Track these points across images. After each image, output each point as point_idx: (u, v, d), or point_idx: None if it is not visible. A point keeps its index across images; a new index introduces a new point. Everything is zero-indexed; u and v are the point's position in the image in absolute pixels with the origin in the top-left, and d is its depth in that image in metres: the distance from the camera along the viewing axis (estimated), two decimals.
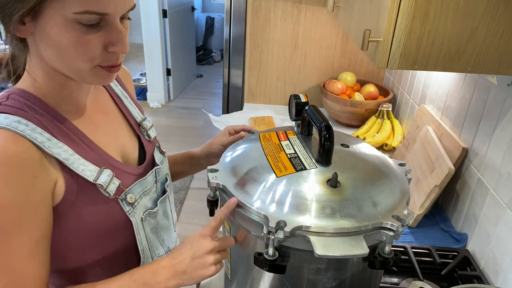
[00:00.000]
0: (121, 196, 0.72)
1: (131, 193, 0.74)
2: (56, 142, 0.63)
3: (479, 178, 1.03)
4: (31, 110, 0.63)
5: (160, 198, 0.82)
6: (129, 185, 0.74)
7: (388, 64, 0.75)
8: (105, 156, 0.71)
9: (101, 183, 0.68)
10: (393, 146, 1.56)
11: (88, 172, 0.67)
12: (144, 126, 0.85)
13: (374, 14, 0.82)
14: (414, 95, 1.54)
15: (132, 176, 0.76)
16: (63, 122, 0.66)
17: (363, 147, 0.78)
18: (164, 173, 0.86)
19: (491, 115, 0.99)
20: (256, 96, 2.05)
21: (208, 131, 3.85)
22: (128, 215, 0.73)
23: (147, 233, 0.79)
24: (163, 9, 4.10)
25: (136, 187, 0.76)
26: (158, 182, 0.83)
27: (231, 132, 0.99)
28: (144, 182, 0.78)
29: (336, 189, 0.64)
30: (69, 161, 0.64)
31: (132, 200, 0.74)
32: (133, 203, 0.74)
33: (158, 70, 4.33)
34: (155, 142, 0.88)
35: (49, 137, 0.62)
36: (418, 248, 1.01)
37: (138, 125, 0.84)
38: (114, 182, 0.70)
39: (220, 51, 6.14)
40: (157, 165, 0.83)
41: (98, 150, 0.70)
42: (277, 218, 0.61)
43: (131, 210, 0.74)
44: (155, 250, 0.81)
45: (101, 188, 0.68)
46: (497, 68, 0.74)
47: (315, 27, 1.86)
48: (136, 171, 0.77)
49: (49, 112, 0.65)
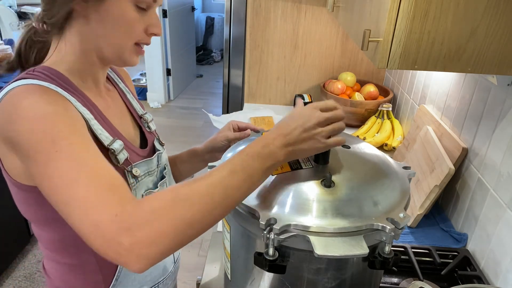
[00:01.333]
0: (128, 168, 0.76)
1: (136, 168, 0.78)
2: (80, 106, 0.69)
3: (479, 178, 1.03)
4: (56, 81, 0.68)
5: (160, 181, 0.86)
6: (136, 161, 0.79)
7: (388, 64, 0.75)
8: (115, 131, 0.77)
9: (114, 148, 0.72)
10: (393, 146, 1.56)
11: (104, 137, 0.71)
12: (145, 118, 0.90)
13: (374, 14, 0.82)
14: (414, 95, 1.54)
15: (138, 156, 0.81)
16: (83, 95, 0.72)
17: (364, 147, 0.78)
18: (163, 161, 0.90)
19: (491, 115, 0.99)
20: (256, 96, 2.05)
21: (208, 131, 3.85)
22: (131, 187, 0.76)
23: None
24: (163, 9, 4.10)
25: (142, 164, 0.80)
26: (159, 167, 0.87)
27: (234, 127, 0.99)
28: (150, 162, 0.83)
29: (330, 189, 0.64)
30: (91, 122, 0.70)
31: (137, 174, 0.78)
32: (137, 176, 0.78)
33: (158, 70, 4.33)
34: (155, 134, 0.92)
35: (75, 100, 0.69)
36: (418, 248, 1.01)
37: (139, 117, 0.89)
38: (124, 153, 0.75)
39: (220, 51, 6.14)
40: (158, 150, 0.88)
41: (110, 124, 0.76)
42: (268, 215, 0.61)
43: (135, 184, 0.77)
44: None
45: (112, 155, 0.72)
46: (497, 68, 0.74)
47: (315, 27, 1.86)
48: (140, 152, 0.82)
49: (71, 85, 0.71)
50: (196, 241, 2.49)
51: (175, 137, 3.72)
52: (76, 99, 0.69)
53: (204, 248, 2.45)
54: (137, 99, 0.92)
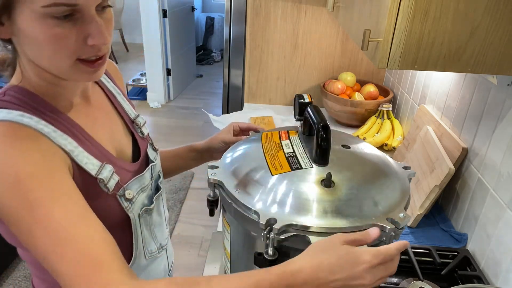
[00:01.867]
0: (119, 192, 0.71)
1: (129, 189, 0.73)
2: (61, 134, 0.63)
3: (479, 178, 1.03)
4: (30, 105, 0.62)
5: (155, 195, 0.82)
6: (127, 181, 0.73)
7: (388, 64, 0.75)
8: (104, 152, 0.71)
9: (103, 178, 0.67)
10: (393, 146, 1.56)
11: (90, 166, 0.66)
12: (138, 123, 0.84)
13: (374, 14, 0.82)
14: (414, 95, 1.54)
15: (129, 172, 0.75)
16: (62, 117, 0.66)
17: (364, 147, 0.78)
18: (157, 170, 0.86)
19: (491, 115, 0.99)
20: (256, 96, 2.05)
21: (208, 131, 3.85)
22: (126, 211, 0.73)
23: (142, 229, 0.78)
24: (163, 9, 4.10)
25: (134, 183, 0.75)
26: (153, 179, 0.83)
27: (236, 129, 0.99)
28: (142, 178, 0.78)
29: (329, 189, 0.64)
30: (74, 153, 0.64)
31: (130, 196, 0.73)
32: (131, 199, 0.74)
33: (158, 70, 4.32)
34: (148, 139, 0.87)
35: (54, 129, 0.62)
36: (418, 248, 1.01)
37: (132, 121, 0.83)
38: (114, 178, 0.70)
39: (220, 51, 6.14)
40: (152, 161, 0.83)
41: (97, 145, 0.70)
42: (268, 215, 0.61)
43: (130, 206, 0.74)
44: (148, 247, 0.81)
45: (101, 183, 0.67)
46: (497, 68, 0.74)
47: (315, 27, 1.86)
48: (132, 167, 0.77)
49: (47, 107, 0.64)
50: (196, 241, 2.49)
51: (175, 137, 3.72)
52: (55, 126, 0.63)
53: (204, 248, 2.45)
54: (128, 100, 0.87)
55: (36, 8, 0.55)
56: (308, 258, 0.56)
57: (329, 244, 0.57)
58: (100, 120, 0.74)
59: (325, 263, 0.55)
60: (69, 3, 0.55)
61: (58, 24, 0.56)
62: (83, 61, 0.61)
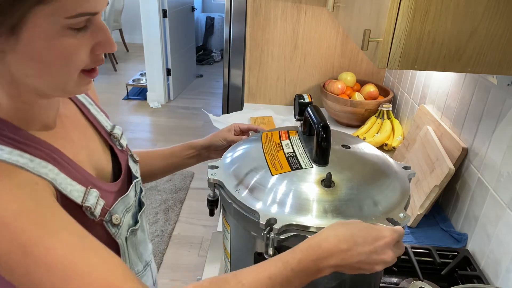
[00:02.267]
0: (105, 218, 0.65)
1: (116, 213, 0.67)
2: (39, 162, 0.55)
3: (479, 178, 1.03)
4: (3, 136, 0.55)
5: (139, 212, 0.76)
6: (111, 204, 0.66)
7: (388, 64, 0.75)
8: (86, 175, 0.64)
9: (89, 205, 0.61)
10: (393, 146, 1.56)
11: (75, 193, 0.60)
12: (116, 136, 0.77)
13: (374, 14, 0.82)
14: (414, 95, 1.54)
15: (112, 194, 0.68)
16: (38, 142, 0.58)
17: (364, 147, 0.78)
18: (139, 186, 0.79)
19: (491, 115, 0.99)
20: (256, 96, 2.05)
21: (208, 131, 3.85)
22: (114, 237, 0.66)
23: (129, 252, 0.72)
24: (163, 9, 4.10)
25: (119, 205, 0.68)
26: (136, 196, 0.76)
27: (236, 130, 0.99)
28: (127, 198, 0.71)
29: (329, 189, 0.64)
30: (57, 182, 0.57)
31: (117, 221, 0.66)
32: (118, 224, 0.67)
33: (158, 70, 4.32)
34: (127, 151, 0.80)
35: (31, 158, 0.55)
36: (418, 248, 1.01)
37: (109, 134, 0.76)
38: (100, 203, 0.63)
39: (220, 51, 6.14)
40: (135, 177, 0.77)
41: (79, 169, 0.63)
42: (268, 215, 0.61)
43: (117, 232, 0.67)
44: (134, 268, 0.75)
45: (87, 211, 0.61)
46: (497, 68, 0.74)
47: (315, 27, 1.86)
48: (114, 187, 0.70)
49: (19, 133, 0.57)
50: (196, 241, 2.49)
51: (175, 137, 3.72)
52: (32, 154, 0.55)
53: (204, 248, 2.45)
54: (101, 109, 0.78)
55: (59, 20, 0.50)
56: (332, 230, 0.58)
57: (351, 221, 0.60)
58: (76, 139, 0.67)
59: (348, 234, 0.57)
60: (92, 12, 0.53)
61: (73, 36, 0.52)
62: (84, 72, 0.57)
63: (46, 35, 0.50)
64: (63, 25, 0.51)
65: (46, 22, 0.50)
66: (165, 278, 2.21)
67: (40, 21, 0.50)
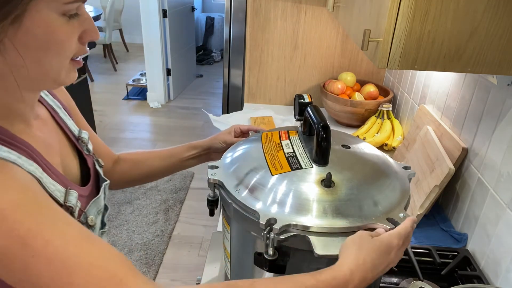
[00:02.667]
0: (81, 219, 0.64)
1: (90, 215, 0.67)
2: (26, 160, 0.55)
3: (479, 178, 1.03)
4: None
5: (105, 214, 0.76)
6: (85, 206, 0.67)
7: (388, 64, 0.75)
8: (62, 177, 0.63)
9: (72, 205, 0.61)
10: (393, 146, 1.56)
11: (58, 193, 0.59)
12: (84, 140, 0.76)
13: (374, 14, 0.82)
14: (414, 95, 1.54)
15: (84, 197, 0.68)
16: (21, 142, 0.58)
17: (364, 147, 0.78)
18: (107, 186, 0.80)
19: (491, 115, 0.99)
20: (256, 96, 2.05)
21: (208, 131, 3.85)
22: None
23: None
24: (163, 9, 4.10)
25: (92, 207, 0.68)
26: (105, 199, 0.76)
27: (237, 131, 0.99)
28: (99, 201, 0.71)
29: (329, 189, 0.64)
30: (43, 180, 0.57)
31: (92, 223, 0.66)
32: (93, 225, 0.67)
33: (158, 70, 4.33)
34: (93, 156, 0.80)
35: (18, 155, 0.54)
36: (418, 248, 1.01)
37: (77, 139, 0.76)
38: (78, 204, 0.63)
39: (220, 51, 6.14)
40: (104, 180, 0.77)
41: (56, 172, 0.63)
42: (268, 215, 0.61)
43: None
44: None
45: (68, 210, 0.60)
46: (497, 68, 0.74)
47: (315, 27, 1.86)
48: (85, 191, 0.70)
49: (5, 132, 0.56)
50: (196, 241, 2.49)
51: (175, 137, 3.72)
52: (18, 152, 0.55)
53: (204, 248, 2.45)
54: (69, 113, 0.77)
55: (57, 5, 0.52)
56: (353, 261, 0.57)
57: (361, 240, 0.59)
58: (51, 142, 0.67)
59: (368, 261, 0.57)
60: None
61: (66, 23, 0.54)
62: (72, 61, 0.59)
63: (44, 22, 0.52)
64: (60, 12, 0.52)
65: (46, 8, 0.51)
66: (165, 278, 2.21)
67: (41, 8, 0.51)
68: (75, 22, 0.56)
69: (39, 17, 0.51)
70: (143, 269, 2.23)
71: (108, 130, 3.79)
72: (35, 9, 0.51)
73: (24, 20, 0.51)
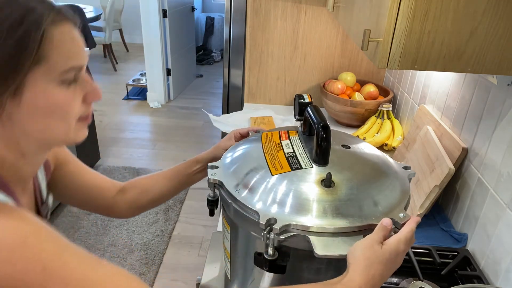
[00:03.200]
0: None
1: None
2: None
3: (479, 178, 1.03)
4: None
5: None
6: None
7: (388, 64, 0.75)
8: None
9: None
10: (393, 146, 1.56)
11: None
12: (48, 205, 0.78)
13: (374, 14, 0.82)
14: (414, 95, 1.54)
15: None
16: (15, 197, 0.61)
17: (364, 147, 0.78)
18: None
19: (491, 115, 0.99)
20: (256, 96, 2.05)
21: (208, 131, 3.85)
22: None
23: None
24: (163, 9, 4.10)
25: None
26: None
27: (236, 136, 0.98)
28: None
29: (330, 189, 0.64)
30: None
31: None
32: None
33: (158, 70, 4.32)
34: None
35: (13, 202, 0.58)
36: (418, 248, 1.01)
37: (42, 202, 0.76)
38: None
39: (220, 51, 6.14)
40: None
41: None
42: (268, 215, 0.61)
43: None
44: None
45: None
46: (497, 68, 0.74)
47: (315, 27, 1.86)
48: None
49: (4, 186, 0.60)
50: (196, 241, 2.49)
51: (175, 137, 3.72)
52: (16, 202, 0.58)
53: (204, 248, 2.45)
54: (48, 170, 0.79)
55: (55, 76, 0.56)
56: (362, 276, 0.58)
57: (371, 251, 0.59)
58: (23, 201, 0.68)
59: (377, 274, 0.58)
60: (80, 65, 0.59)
61: (66, 89, 0.58)
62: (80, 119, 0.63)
63: (44, 93, 0.56)
64: (57, 81, 0.57)
65: (43, 80, 0.56)
66: (165, 278, 2.21)
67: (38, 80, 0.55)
68: (76, 87, 0.60)
69: (38, 88, 0.55)
70: (143, 269, 2.23)
71: (108, 130, 3.78)
72: (33, 81, 0.55)
73: (24, 92, 0.55)
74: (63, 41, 0.57)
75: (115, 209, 0.92)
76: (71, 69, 0.58)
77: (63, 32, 0.57)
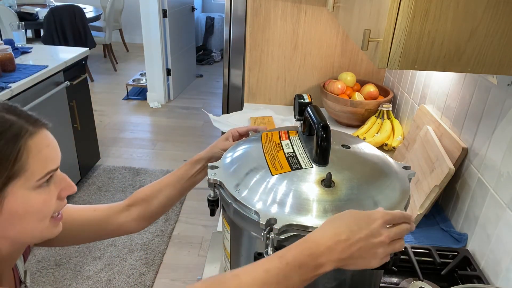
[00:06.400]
0: None
1: None
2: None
3: (479, 178, 1.03)
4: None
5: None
6: None
7: (388, 64, 0.75)
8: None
9: None
10: (393, 146, 1.56)
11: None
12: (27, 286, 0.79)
13: (374, 14, 0.82)
14: (414, 95, 1.54)
15: None
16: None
17: (364, 147, 0.78)
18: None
19: (491, 115, 0.99)
20: (256, 96, 2.05)
21: (208, 131, 3.85)
22: None
23: None
24: (163, 9, 4.10)
25: None
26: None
27: (234, 135, 0.96)
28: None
29: (329, 189, 0.64)
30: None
31: None
32: None
33: (158, 70, 4.32)
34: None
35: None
36: (418, 248, 1.01)
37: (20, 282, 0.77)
38: None
39: (220, 51, 6.14)
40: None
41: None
42: (268, 215, 0.61)
43: None
44: None
45: None
46: (497, 68, 0.74)
47: (315, 27, 1.86)
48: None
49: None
50: (196, 241, 2.49)
51: (175, 137, 3.72)
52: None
53: (204, 248, 2.45)
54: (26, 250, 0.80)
55: (32, 183, 0.59)
56: (326, 226, 0.58)
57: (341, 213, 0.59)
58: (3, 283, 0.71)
59: (343, 226, 0.57)
60: (55, 168, 0.63)
61: (44, 191, 0.62)
62: (53, 218, 0.66)
63: (22, 200, 0.59)
64: (35, 187, 0.60)
65: (22, 188, 0.59)
66: (165, 278, 2.21)
67: (16, 191, 0.59)
68: (51, 186, 0.63)
69: (17, 197, 0.59)
70: (143, 269, 2.23)
71: (108, 130, 3.79)
72: (12, 192, 0.58)
73: (4, 203, 0.58)
74: (40, 150, 0.60)
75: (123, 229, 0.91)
76: (47, 173, 0.61)
77: (40, 142, 0.60)
